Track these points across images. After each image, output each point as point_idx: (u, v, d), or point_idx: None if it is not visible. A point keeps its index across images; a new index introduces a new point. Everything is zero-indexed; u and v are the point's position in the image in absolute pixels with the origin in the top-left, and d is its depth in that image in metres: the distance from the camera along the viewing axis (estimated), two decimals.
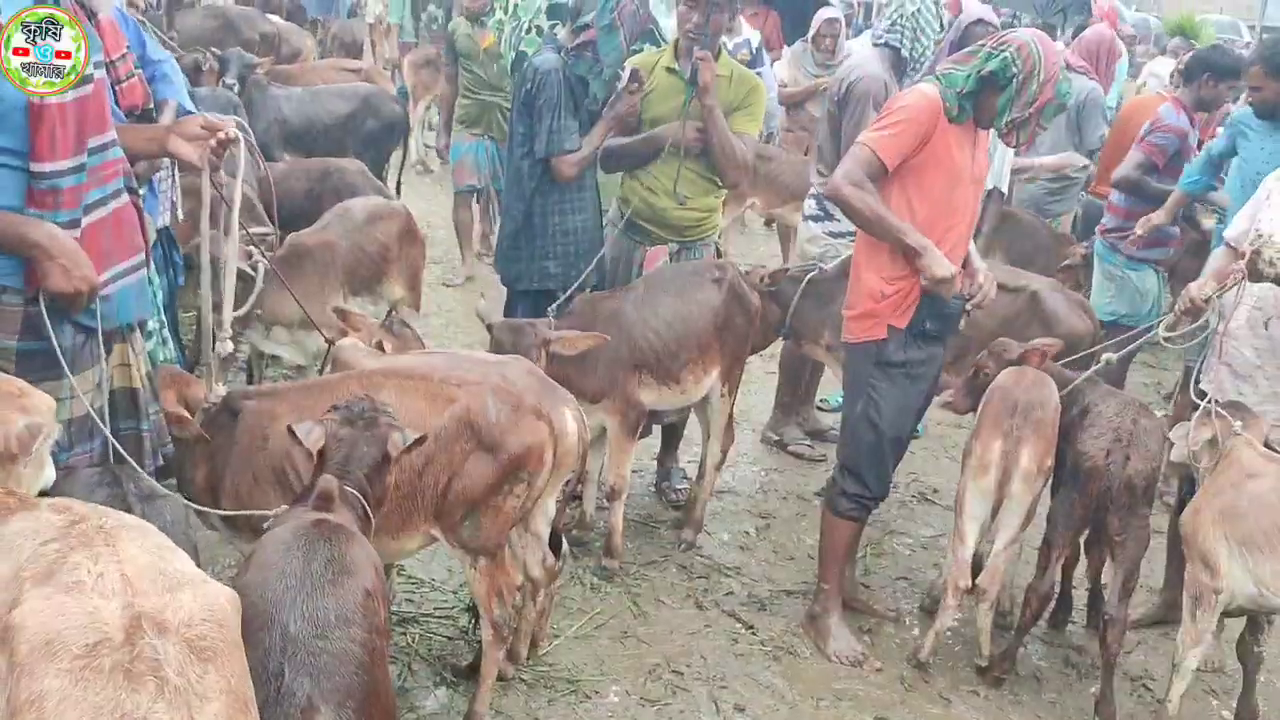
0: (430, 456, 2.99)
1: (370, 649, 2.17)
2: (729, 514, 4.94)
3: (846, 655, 3.95)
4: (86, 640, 1.62)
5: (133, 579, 1.73)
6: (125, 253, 2.72)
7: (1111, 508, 3.66)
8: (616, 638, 3.91)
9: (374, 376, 3.06)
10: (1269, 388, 3.79)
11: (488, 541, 3.15)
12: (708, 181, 4.58)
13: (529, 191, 4.41)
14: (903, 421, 3.94)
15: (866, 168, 3.61)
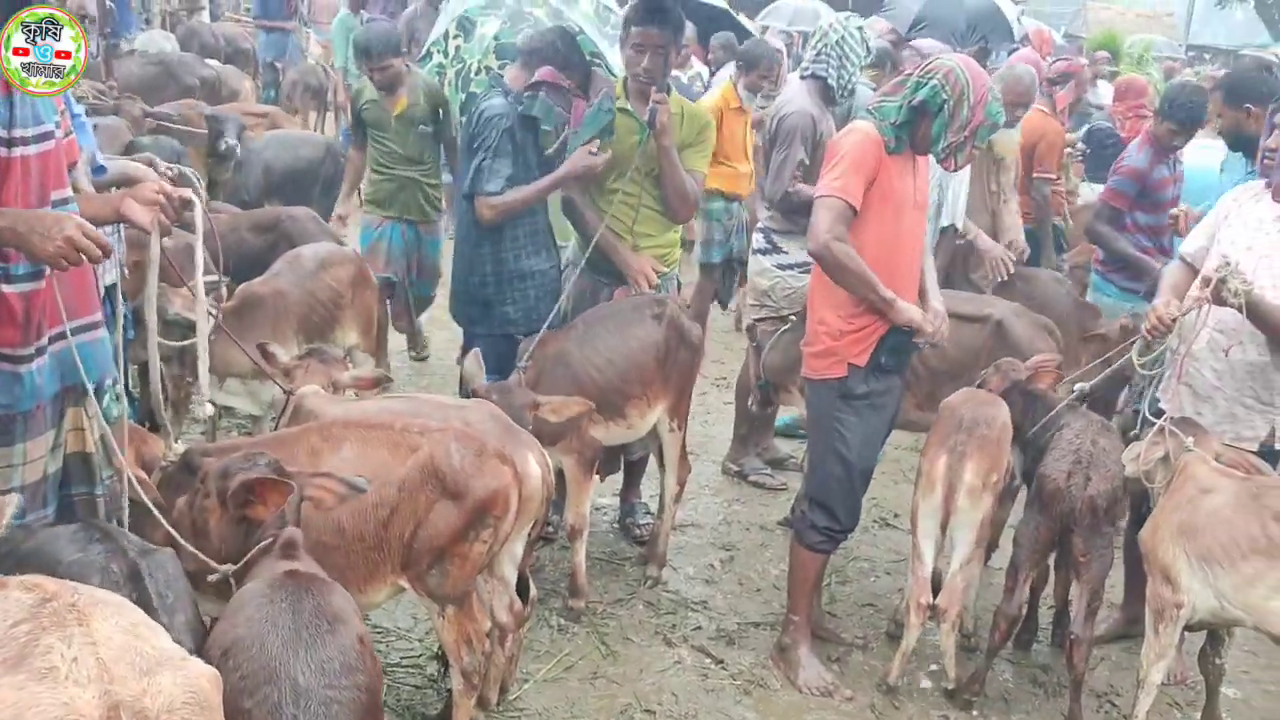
0: (396, 506, 2.96)
1: (374, 695, 2.21)
2: (693, 547, 4.94)
3: (817, 686, 3.95)
4: None
5: (109, 663, 1.67)
6: (84, 309, 2.69)
7: (1075, 529, 3.70)
8: (586, 679, 3.89)
9: (333, 429, 3.03)
10: (1226, 408, 3.85)
11: (455, 589, 3.11)
12: (666, 218, 4.60)
13: (478, 235, 4.41)
14: (869, 452, 3.97)
15: (843, 219, 3.66)
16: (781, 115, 5.07)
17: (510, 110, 4.33)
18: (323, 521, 2.90)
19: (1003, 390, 4.05)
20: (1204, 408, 3.83)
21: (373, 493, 2.93)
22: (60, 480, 2.80)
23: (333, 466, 2.90)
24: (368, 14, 11.14)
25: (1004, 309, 4.85)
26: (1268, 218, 3.77)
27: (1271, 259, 3.69)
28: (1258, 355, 3.74)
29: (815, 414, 4.01)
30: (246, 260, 5.37)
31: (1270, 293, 3.63)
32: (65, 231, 2.37)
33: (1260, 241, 3.73)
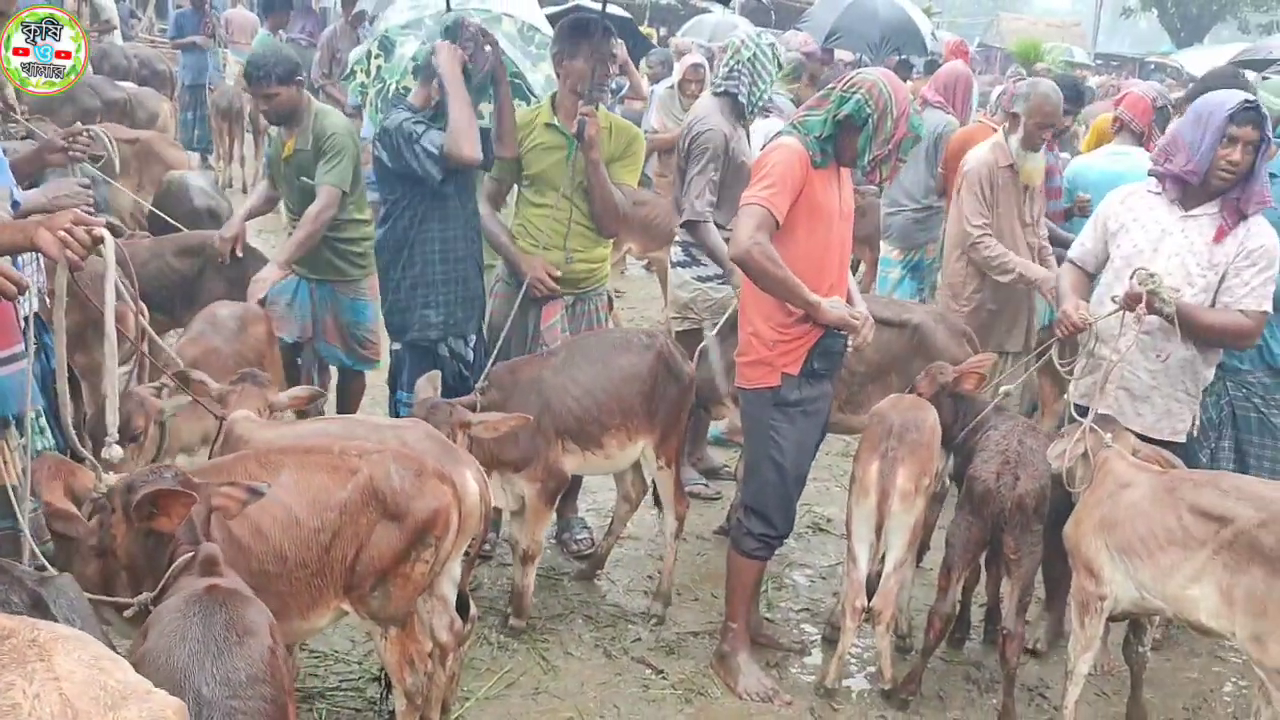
0: (337, 530, 2.95)
1: (281, 707, 2.19)
2: (630, 559, 4.96)
3: (756, 691, 3.99)
4: None
5: (72, 698, 1.64)
6: (6, 341, 2.63)
7: (1006, 528, 3.80)
8: (528, 695, 3.89)
9: (271, 455, 3.01)
10: (1164, 405, 3.98)
11: (397, 610, 3.10)
12: (596, 233, 4.64)
13: (398, 242, 4.39)
14: (803, 458, 4.03)
15: (766, 226, 3.68)
16: (695, 133, 5.09)
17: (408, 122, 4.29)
18: (264, 549, 2.87)
19: (931, 395, 4.14)
20: (1143, 407, 3.96)
21: (314, 517, 2.92)
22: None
23: (270, 494, 2.87)
24: (286, 34, 11.06)
25: (924, 315, 4.96)
26: (1170, 221, 3.91)
27: (1184, 260, 3.84)
28: (1185, 351, 3.89)
29: (749, 423, 4.05)
30: (169, 287, 5.27)
31: (1186, 294, 3.78)
32: None
33: (1166, 245, 3.88)
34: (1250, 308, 3.80)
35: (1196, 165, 3.78)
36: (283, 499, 2.90)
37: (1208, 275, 3.83)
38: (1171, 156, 3.87)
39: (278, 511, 2.89)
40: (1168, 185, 3.92)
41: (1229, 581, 3.30)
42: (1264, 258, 3.80)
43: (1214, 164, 3.75)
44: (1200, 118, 3.79)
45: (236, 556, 2.80)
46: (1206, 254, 3.84)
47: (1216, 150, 3.73)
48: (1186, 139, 3.82)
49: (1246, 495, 3.35)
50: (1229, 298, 3.82)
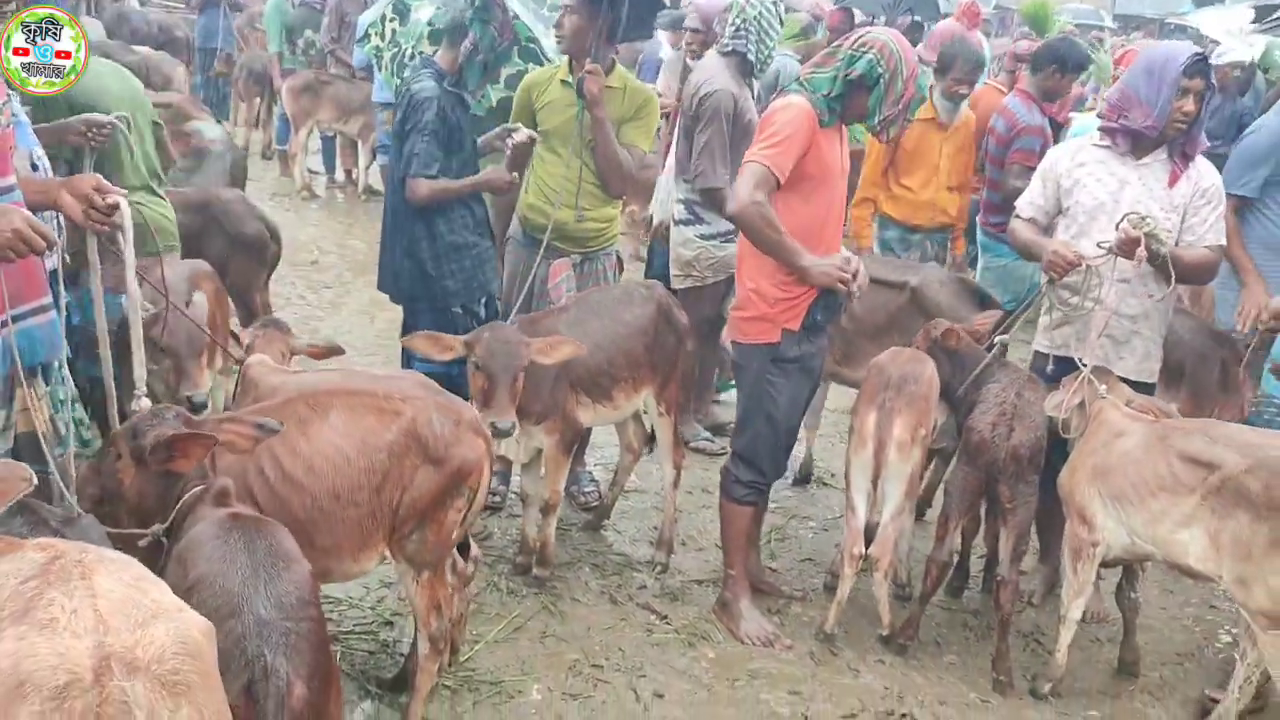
0: (386, 472, 3.06)
1: (324, 627, 2.36)
2: (637, 511, 5.07)
3: (758, 636, 4.11)
4: (57, 681, 1.63)
5: (106, 615, 1.73)
6: (33, 293, 2.74)
7: (1001, 478, 3.89)
8: (535, 638, 4.01)
9: (319, 397, 3.12)
10: (1144, 349, 4.09)
11: (431, 555, 3.22)
12: (605, 191, 4.71)
13: (414, 213, 4.48)
14: (795, 411, 4.11)
15: (766, 186, 3.72)
16: (703, 94, 5.14)
17: (441, 92, 4.40)
18: (319, 487, 2.98)
19: (927, 349, 4.21)
20: (1125, 351, 4.07)
21: (364, 458, 3.03)
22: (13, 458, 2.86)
23: (322, 435, 3.01)
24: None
25: (925, 277, 5.00)
26: (1124, 171, 4.02)
27: (1146, 206, 3.93)
28: (1159, 292, 4.00)
29: (745, 377, 4.10)
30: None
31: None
32: (13, 224, 2.44)
33: (1127, 194, 3.98)
34: (1213, 243, 3.98)
35: (1156, 120, 3.90)
36: (334, 440, 3.01)
37: (1171, 218, 3.95)
38: (1126, 112, 3.97)
39: (330, 451, 3.00)
40: (1119, 139, 4.02)
41: (1216, 526, 3.38)
42: (1215, 195, 3.99)
43: (1170, 116, 3.87)
44: (1153, 74, 3.91)
45: (291, 494, 2.94)
46: (1165, 197, 3.97)
47: (1172, 103, 3.84)
48: (1142, 95, 3.92)
49: (1234, 443, 3.43)
50: (1191, 236, 3.97)
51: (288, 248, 8.65)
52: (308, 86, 10.05)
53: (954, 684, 3.97)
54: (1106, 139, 4.06)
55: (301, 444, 2.99)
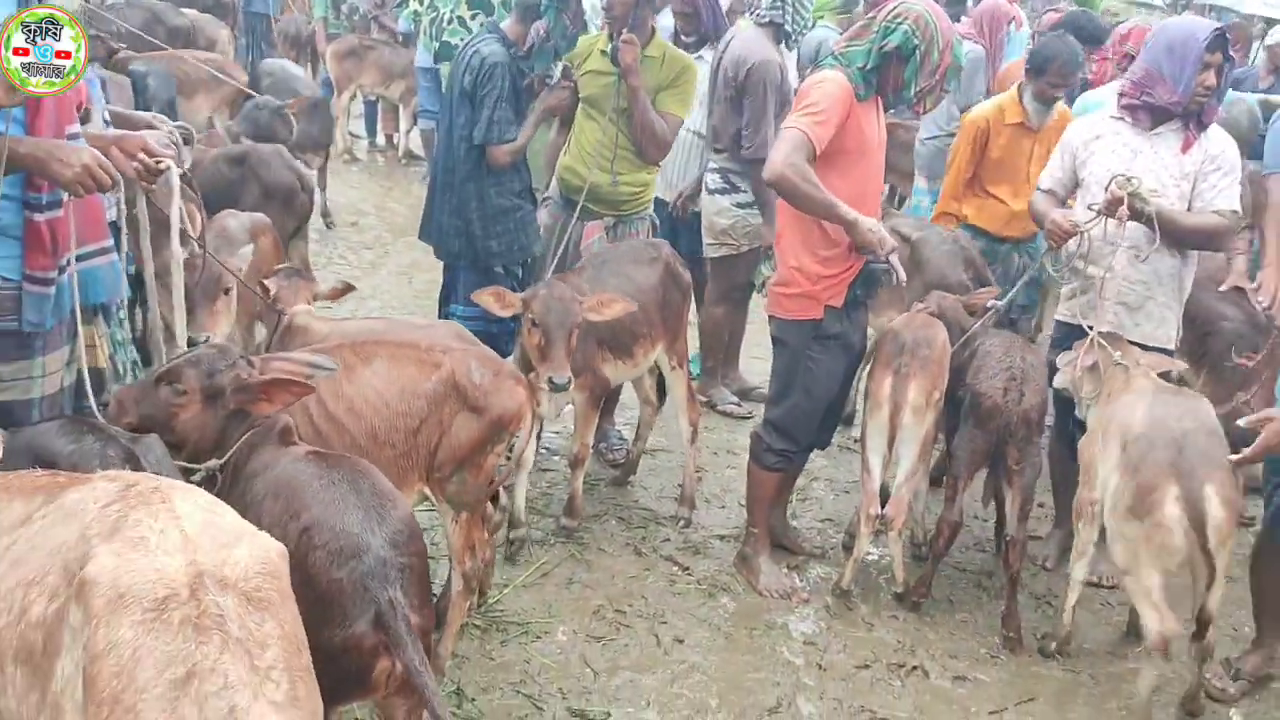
0: (424, 417, 3.27)
1: (426, 559, 2.64)
2: (664, 469, 5.24)
3: (776, 589, 4.26)
4: (156, 595, 1.73)
5: (192, 536, 1.84)
6: (96, 235, 2.92)
7: (1010, 440, 4.01)
8: (562, 584, 4.19)
9: (365, 346, 3.33)
10: (1159, 314, 4.17)
11: (470, 497, 3.41)
12: (640, 157, 4.84)
13: (465, 174, 4.63)
14: (834, 384, 4.19)
15: (803, 150, 3.74)
16: (751, 64, 5.23)
17: (509, 58, 4.53)
18: (358, 427, 3.20)
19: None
20: (1139, 317, 4.15)
21: (403, 403, 3.25)
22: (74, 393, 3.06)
23: (365, 379, 3.23)
24: None
25: (926, 235, 5.08)
26: (1138, 141, 4.10)
27: (1158, 174, 4.02)
28: (1171, 259, 4.09)
29: (785, 351, 4.15)
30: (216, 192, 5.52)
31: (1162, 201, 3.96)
32: (83, 160, 2.60)
33: (1139, 163, 4.05)
34: (1223, 207, 4.01)
35: (1182, 95, 3.98)
36: (376, 385, 3.24)
37: (1181, 185, 4.04)
38: (1150, 89, 4.05)
39: (371, 395, 3.23)
40: (1140, 115, 4.10)
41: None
42: (1226, 161, 4.05)
43: (1194, 91, 3.96)
44: (1175, 51, 3.99)
45: (332, 432, 3.15)
46: (1177, 165, 4.05)
47: (1196, 78, 3.93)
48: (1166, 72, 4.00)
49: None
50: (1201, 202, 4.05)
51: (330, 209, 8.92)
52: (351, 51, 10.21)
53: (965, 640, 4.11)
54: (1125, 114, 4.14)
55: (345, 386, 3.19)
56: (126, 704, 1.66)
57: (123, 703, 1.66)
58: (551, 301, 3.97)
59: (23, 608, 1.82)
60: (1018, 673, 3.94)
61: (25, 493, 2.04)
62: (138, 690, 1.66)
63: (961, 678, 3.89)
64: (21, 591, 1.83)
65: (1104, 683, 3.91)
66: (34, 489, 2.05)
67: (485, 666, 3.66)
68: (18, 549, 1.91)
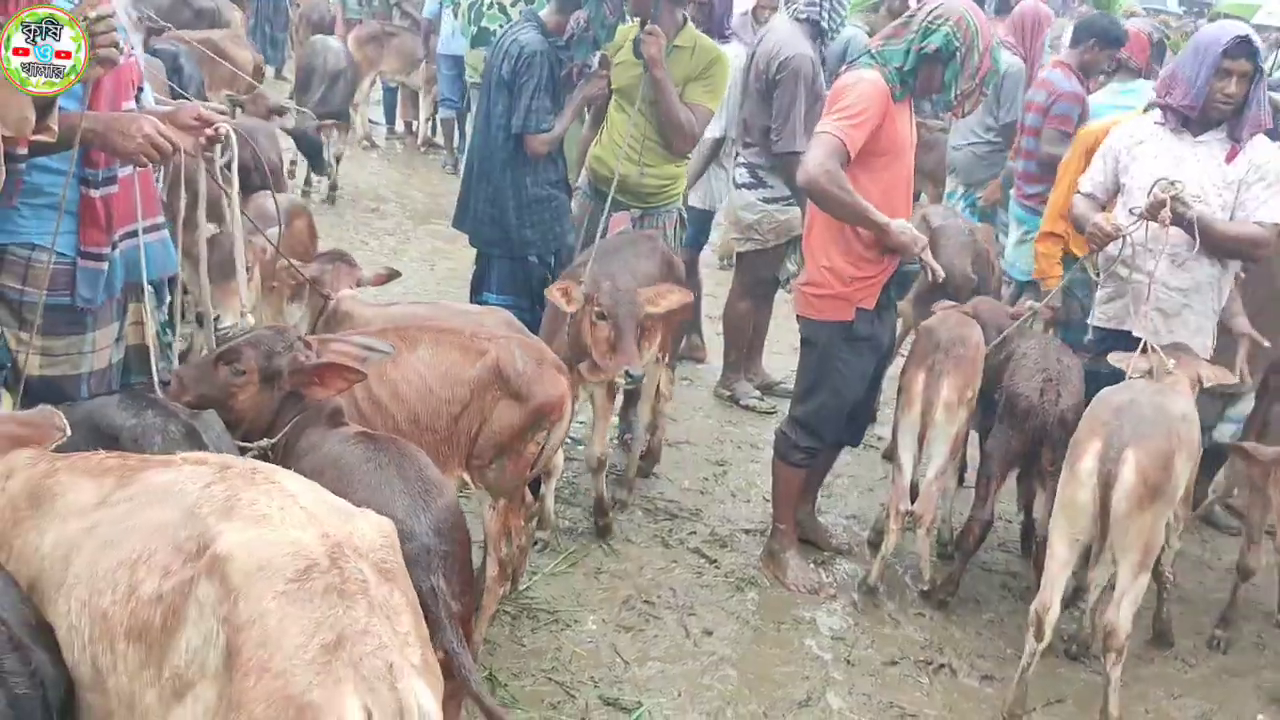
0: (466, 403, 3.28)
1: (469, 546, 2.68)
2: (689, 463, 5.24)
3: (804, 584, 4.27)
4: (297, 566, 1.76)
5: (314, 512, 1.88)
6: (151, 211, 2.93)
7: (1046, 441, 4.00)
8: (590, 574, 4.20)
9: (410, 331, 3.34)
10: (1196, 322, 4.15)
11: (509, 484, 3.43)
12: (669, 151, 4.83)
13: (501, 163, 4.63)
14: (862, 384, 4.19)
15: (837, 156, 3.74)
16: (784, 58, 5.23)
17: (548, 46, 4.53)
18: (401, 411, 3.22)
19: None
20: (1175, 324, 4.12)
21: (446, 389, 3.26)
22: (122, 369, 3.06)
23: (409, 364, 3.24)
24: None
25: (947, 225, 5.10)
26: (1181, 148, 4.06)
27: (1200, 182, 3.98)
28: (1210, 267, 4.07)
29: (814, 351, 4.14)
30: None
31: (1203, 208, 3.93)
32: (144, 130, 2.60)
33: (1183, 170, 3.99)
34: (1264, 219, 3.97)
35: (1193, 99, 3.95)
36: (420, 370, 3.25)
37: (1224, 195, 3.99)
38: (1171, 90, 4.04)
39: (414, 380, 3.25)
40: (1168, 116, 4.08)
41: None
42: (1272, 172, 3.98)
43: (1210, 96, 3.91)
44: (1198, 52, 3.96)
45: (374, 414, 3.17)
46: (1220, 174, 4.00)
47: (1212, 83, 3.90)
48: (1185, 73, 3.99)
49: None
50: (1243, 212, 4.00)
51: (349, 195, 8.93)
52: (373, 37, 10.20)
53: (992, 639, 4.12)
54: (1167, 118, 4.12)
55: (390, 370, 3.19)
56: (276, 669, 1.68)
57: (271, 669, 1.68)
58: (618, 295, 3.98)
59: (130, 586, 1.83)
60: (1044, 673, 3.94)
61: (94, 474, 2.05)
62: (286, 656, 1.69)
63: (989, 677, 3.90)
64: (126, 572, 1.84)
65: (1131, 685, 3.91)
66: (103, 470, 2.05)
67: (516, 653, 3.67)
68: (104, 531, 1.92)
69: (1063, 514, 3.55)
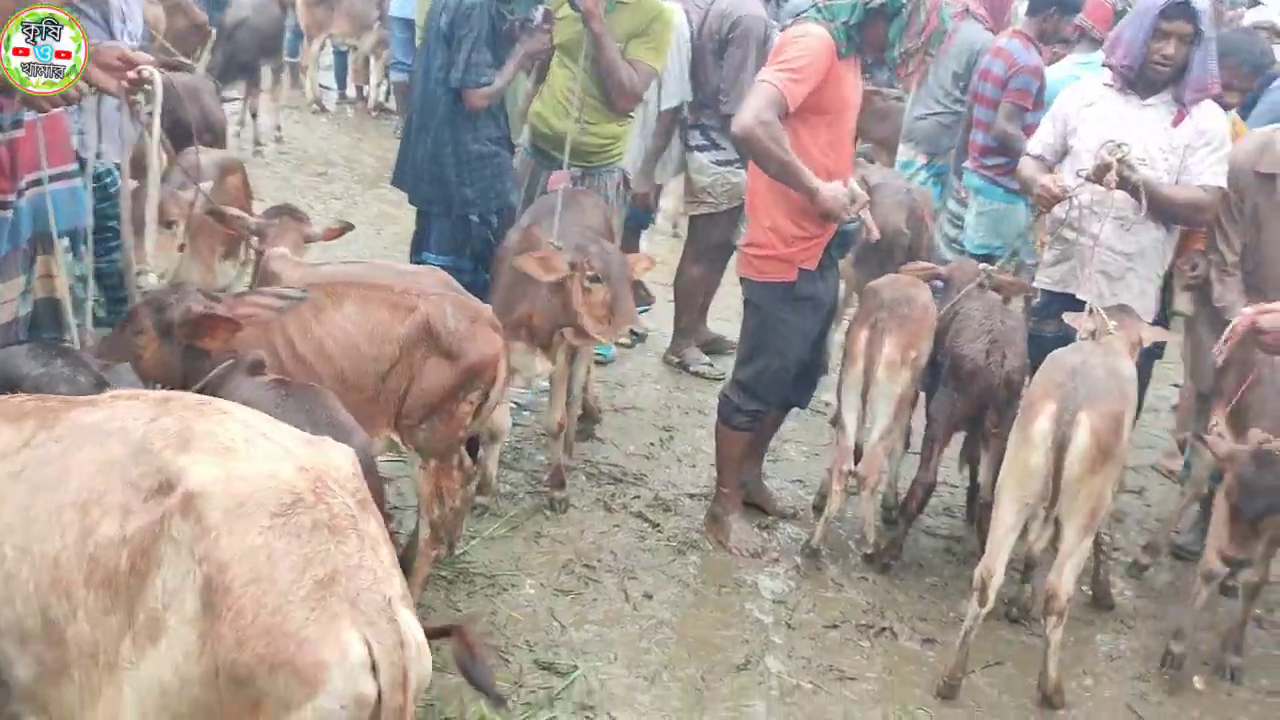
0: (394, 361, 3.18)
1: (383, 494, 2.64)
2: (635, 428, 5.18)
3: (746, 548, 4.22)
4: (281, 500, 1.70)
5: (284, 443, 1.81)
6: (59, 159, 2.81)
7: (991, 403, 3.98)
8: (530, 538, 4.13)
9: (336, 287, 3.23)
10: (1140, 286, 4.14)
11: (440, 444, 3.34)
12: (611, 109, 4.74)
13: (441, 119, 4.50)
14: (806, 345, 4.14)
15: (775, 108, 3.66)
16: (735, 18, 5.15)
17: (489, 1, 4.39)
18: (326, 369, 3.12)
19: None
20: (1119, 287, 4.12)
21: (373, 347, 3.17)
22: (30, 324, 2.95)
23: (335, 321, 3.14)
24: None
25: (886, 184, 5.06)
26: (1128, 110, 4.04)
27: (1146, 145, 3.97)
28: (1155, 231, 4.06)
29: (756, 313, 4.10)
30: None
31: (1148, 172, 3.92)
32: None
33: (1129, 132, 3.97)
34: (1209, 184, 3.97)
35: (1132, 60, 3.95)
36: (346, 327, 3.15)
37: (1170, 159, 3.99)
38: (1114, 50, 4.04)
39: (340, 337, 3.15)
40: (1115, 78, 4.07)
41: None
42: (1216, 136, 3.99)
43: (1148, 58, 3.91)
44: (1138, 13, 3.97)
45: (299, 371, 3.07)
46: (1166, 138, 4.00)
47: (1149, 44, 3.89)
48: (1126, 34, 3.99)
49: None
50: (1188, 177, 4.00)
51: (297, 159, 8.77)
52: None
53: (934, 603, 4.10)
54: (1115, 80, 4.09)
55: (314, 327, 3.11)
56: (272, 606, 1.64)
57: (267, 605, 1.64)
58: (609, 258, 3.91)
59: (83, 530, 1.74)
60: (985, 636, 3.90)
61: (10, 418, 1.95)
62: (281, 593, 1.64)
63: (930, 640, 3.87)
64: (75, 514, 1.76)
65: (1071, 648, 3.90)
66: (21, 414, 1.95)
67: (451, 617, 3.59)
68: (34, 474, 1.82)
69: (1012, 477, 3.50)
